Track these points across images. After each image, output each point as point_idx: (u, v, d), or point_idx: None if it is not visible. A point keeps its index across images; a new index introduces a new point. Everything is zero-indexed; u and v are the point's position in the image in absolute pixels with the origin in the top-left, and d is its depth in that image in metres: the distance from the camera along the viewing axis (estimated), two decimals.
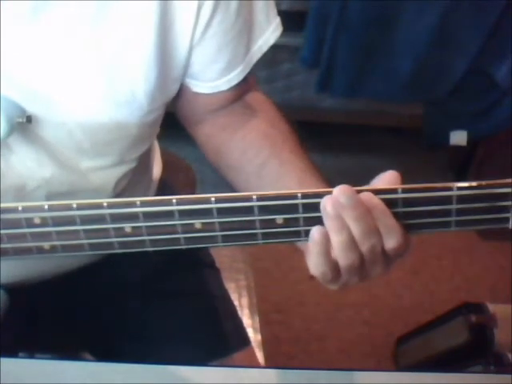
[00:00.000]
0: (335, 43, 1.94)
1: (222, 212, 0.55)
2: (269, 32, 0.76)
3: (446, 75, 2.03)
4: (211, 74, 0.75)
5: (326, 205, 0.55)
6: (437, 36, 1.90)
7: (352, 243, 0.56)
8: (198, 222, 0.56)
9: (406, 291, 1.91)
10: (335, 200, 0.55)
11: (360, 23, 1.89)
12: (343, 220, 0.55)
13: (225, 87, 0.76)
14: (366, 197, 0.55)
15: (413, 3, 1.85)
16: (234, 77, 0.76)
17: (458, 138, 2.17)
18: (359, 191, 0.55)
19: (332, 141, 2.27)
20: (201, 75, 0.75)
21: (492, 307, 1.45)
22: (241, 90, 0.79)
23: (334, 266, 0.58)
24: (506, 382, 0.77)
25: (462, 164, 2.34)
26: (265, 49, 0.77)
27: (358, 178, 0.59)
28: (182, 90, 0.77)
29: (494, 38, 1.91)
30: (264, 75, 2.08)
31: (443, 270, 2.00)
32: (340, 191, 0.55)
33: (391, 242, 0.57)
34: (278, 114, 0.80)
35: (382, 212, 0.55)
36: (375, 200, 0.55)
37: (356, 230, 0.55)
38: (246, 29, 0.73)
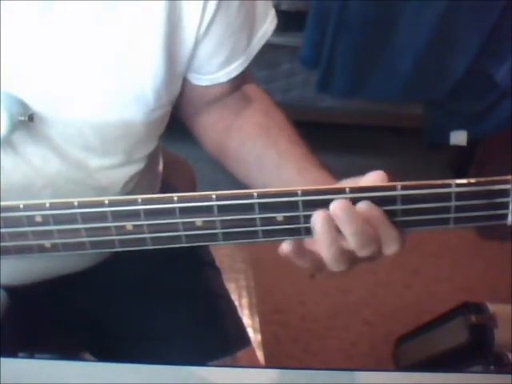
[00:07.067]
0: (335, 43, 1.94)
1: (222, 209, 0.56)
2: (267, 24, 0.77)
3: (446, 75, 2.03)
4: (212, 67, 0.75)
5: (316, 222, 0.55)
6: (437, 36, 1.90)
7: (342, 255, 0.57)
8: (199, 220, 0.56)
9: (406, 291, 1.91)
10: (325, 216, 0.55)
11: (360, 23, 1.89)
12: (332, 235, 0.56)
13: (224, 79, 0.77)
14: (365, 208, 0.55)
15: (413, 3, 1.85)
16: (234, 69, 0.76)
17: (458, 137, 2.17)
18: (360, 188, 0.55)
19: (332, 141, 2.26)
20: (202, 68, 0.75)
21: (492, 307, 1.45)
22: (237, 82, 0.79)
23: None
24: (506, 382, 0.77)
25: (461, 164, 2.34)
26: (263, 41, 0.77)
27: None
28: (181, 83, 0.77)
29: (493, 37, 1.91)
30: (264, 75, 2.07)
31: (443, 269, 2.00)
32: (336, 207, 0.55)
33: (391, 249, 0.57)
34: (272, 104, 0.80)
35: (382, 222, 0.55)
36: (374, 211, 0.55)
37: (354, 243, 0.56)
38: (247, 22, 0.73)
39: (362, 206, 0.55)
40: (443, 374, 0.79)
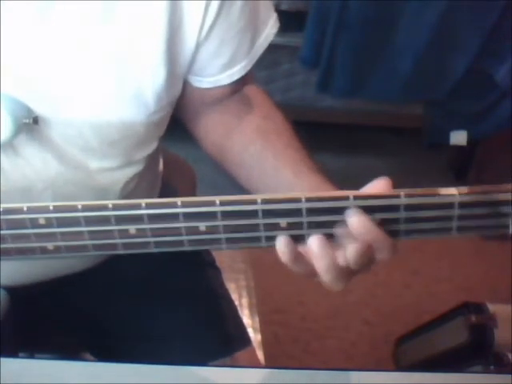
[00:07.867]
0: (335, 43, 1.94)
1: (226, 215, 0.55)
2: (269, 27, 0.76)
3: (446, 75, 2.03)
4: (213, 69, 0.75)
5: (313, 246, 0.56)
6: (437, 36, 1.90)
7: (339, 274, 0.57)
8: (202, 225, 0.56)
9: (406, 291, 1.91)
10: (322, 241, 0.56)
11: (360, 23, 1.89)
12: (329, 259, 0.56)
13: (226, 81, 0.77)
14: (356, 222, 0.55)
15: (413, 3, 1.85)
16: (237, 72, 0.76)
17: (458, 137, 2.17)
18: (363, 196, 0.55)
19: (332, 141, 2.27)
20: (203, 70, 0.75)
21: (492, 307, 1.45)
22: (239, 84, 0.79)
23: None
24: (506, 382, 0.77)
25: (461, 164, 2.34)
26: (266, 44, 0.77)
27: (358, 178, 0.59)
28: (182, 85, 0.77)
29: (493, 38, 1.91)
30: (264, 75, 2.07)
31: (443, 269, 2.00)
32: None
33: (383, 255, 0.57)
34: (272, 106, 0.80)
35: (375, 233, 0.55)
36: (365, 223, 0.55)
37: (350, 260, 0.56)
38: (250, 24, 0.73)
39: (354, 220, 0.55)
40: (443, 374, 0.79)
